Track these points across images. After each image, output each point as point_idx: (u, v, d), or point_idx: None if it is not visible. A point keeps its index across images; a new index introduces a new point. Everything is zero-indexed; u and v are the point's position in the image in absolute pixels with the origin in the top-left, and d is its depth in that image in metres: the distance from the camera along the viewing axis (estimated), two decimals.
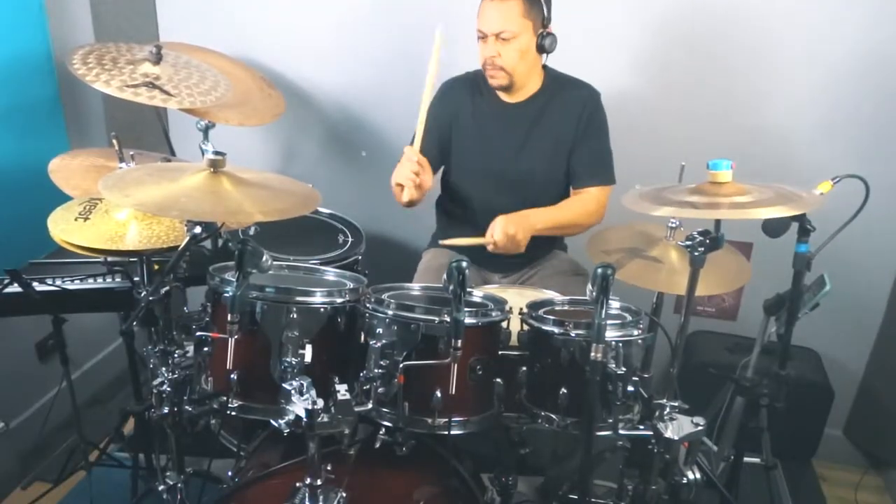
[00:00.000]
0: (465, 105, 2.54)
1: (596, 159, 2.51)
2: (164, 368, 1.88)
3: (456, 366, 1.64)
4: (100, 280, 2.29)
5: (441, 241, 2.41)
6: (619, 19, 2.76)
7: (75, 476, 2.48)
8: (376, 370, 1.70)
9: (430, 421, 1.71)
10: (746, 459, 2.33)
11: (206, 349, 1.78)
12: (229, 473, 1.99)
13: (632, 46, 2.80)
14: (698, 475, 1.75)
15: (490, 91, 2.51)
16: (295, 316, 1.70)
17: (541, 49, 2.40)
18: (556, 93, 2.49)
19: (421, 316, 1.71)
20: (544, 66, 2.51)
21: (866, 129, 2.73)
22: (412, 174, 2.28)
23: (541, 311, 1.84)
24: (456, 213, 2.65)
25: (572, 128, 2.48)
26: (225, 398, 1.72)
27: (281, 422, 1.57)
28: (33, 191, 2.29)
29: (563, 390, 1.74)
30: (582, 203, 2.50)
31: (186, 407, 1.82)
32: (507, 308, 1.83)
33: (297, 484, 1.59)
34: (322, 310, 1.75)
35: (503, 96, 2.50)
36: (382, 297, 1.78)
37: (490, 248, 2.31)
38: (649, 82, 2.84)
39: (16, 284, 2.07)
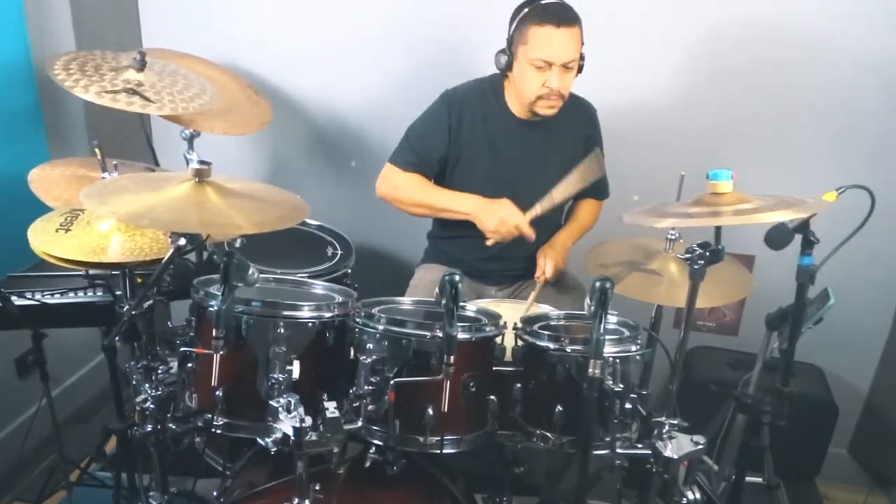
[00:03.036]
0: (474, 117, 2.46)
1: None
2: (147, 385, 1.86)
3: (448, 382, 1.62)
4: (81, 294, 2.27)
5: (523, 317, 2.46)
6: (621, 29, 2.73)
7: (56, 496, 2.45)
8: (366, 387, 1.68)
9: (421, 439, 1.69)
10: (748, 479, 2.29)
11: (190, 365, 1.76)
12: (214, 493, 2.00)
13: (633, 56, 2.78)
14: (698, 495, 1.74)
15: (502, 104, 2.45)
16: (282, 331, 1.67)
17: (579, 71, 2.36)
18: (563, 109, 2.42)
19: (412, 331, 1.69)
20: None
21: (872, 138, 2.71)
22: (508, 236, 2.36)
23: (536, 326, 1.82)
24: (453, 225, 2.58)
25: (580, 146, 2.50)
26: (210, 416, 1.70)
27: (268, 440, 1.59)
28: (12, 202, 2.26)
29: (559, 408, 1.72)
30: (592, 212, 2.69)
31: (170, 425, 1.80)
32: (501, 323, 1.82)
33: None
34: (310, 324, 1.73)
35: (516, 111, 2.44)
36: (372, 311, 1.76)
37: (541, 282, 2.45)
38: (650, 92, 2.82)
39: None
